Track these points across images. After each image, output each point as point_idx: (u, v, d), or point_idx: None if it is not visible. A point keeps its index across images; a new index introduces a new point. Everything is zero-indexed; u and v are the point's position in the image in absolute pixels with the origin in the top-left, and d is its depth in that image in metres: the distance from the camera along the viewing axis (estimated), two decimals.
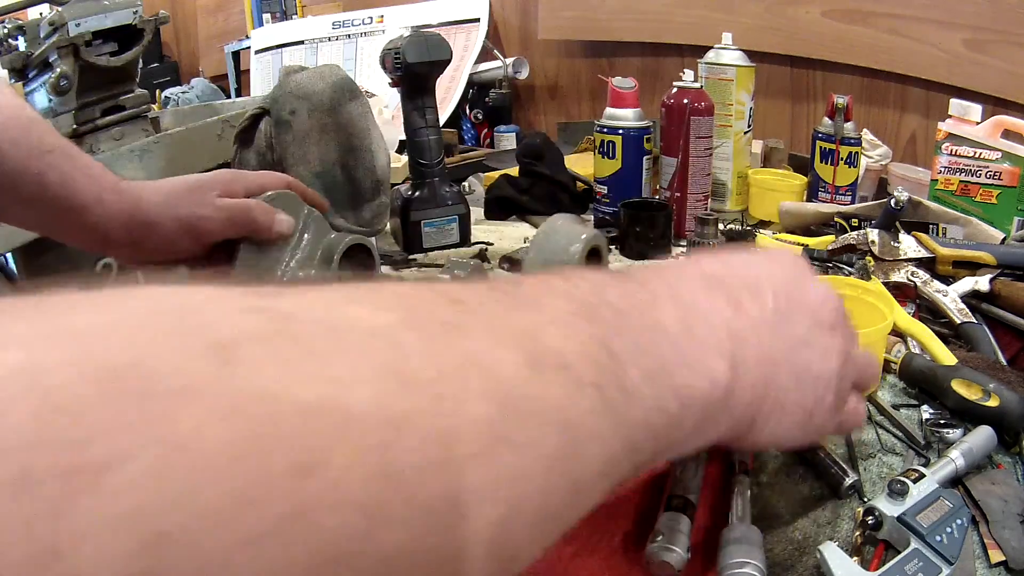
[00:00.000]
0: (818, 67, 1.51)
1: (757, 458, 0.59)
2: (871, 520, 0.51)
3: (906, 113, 1.43)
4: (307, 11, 2.52)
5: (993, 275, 0.79)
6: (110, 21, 1.05)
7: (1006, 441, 0.60)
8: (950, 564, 0.47)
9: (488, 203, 1.28)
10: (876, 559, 0.50)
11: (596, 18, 1.80)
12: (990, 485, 0.56)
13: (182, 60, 3.05)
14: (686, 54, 1.64)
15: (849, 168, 1.13)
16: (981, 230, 0.94)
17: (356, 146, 0.93)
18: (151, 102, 1.23)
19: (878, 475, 0.59)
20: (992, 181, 0.99)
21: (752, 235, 1.02)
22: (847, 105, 1.11)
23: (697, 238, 0.86)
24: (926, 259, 0.85)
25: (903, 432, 0.63)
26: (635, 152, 1.08)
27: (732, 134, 1.20)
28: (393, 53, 1.00)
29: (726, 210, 1.23)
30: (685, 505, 0.52)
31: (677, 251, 1.06)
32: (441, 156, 1.08)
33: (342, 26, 2.22)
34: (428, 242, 1.08)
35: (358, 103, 0.93)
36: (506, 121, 1.94)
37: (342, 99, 0.92)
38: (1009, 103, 1.21)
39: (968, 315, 0.76)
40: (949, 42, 1.28)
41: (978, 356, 0.70)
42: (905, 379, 0.69)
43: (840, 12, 1.41)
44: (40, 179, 0.57)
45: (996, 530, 0.52)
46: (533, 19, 1.94)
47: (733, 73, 1.17)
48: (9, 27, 1.05)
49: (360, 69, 2.14)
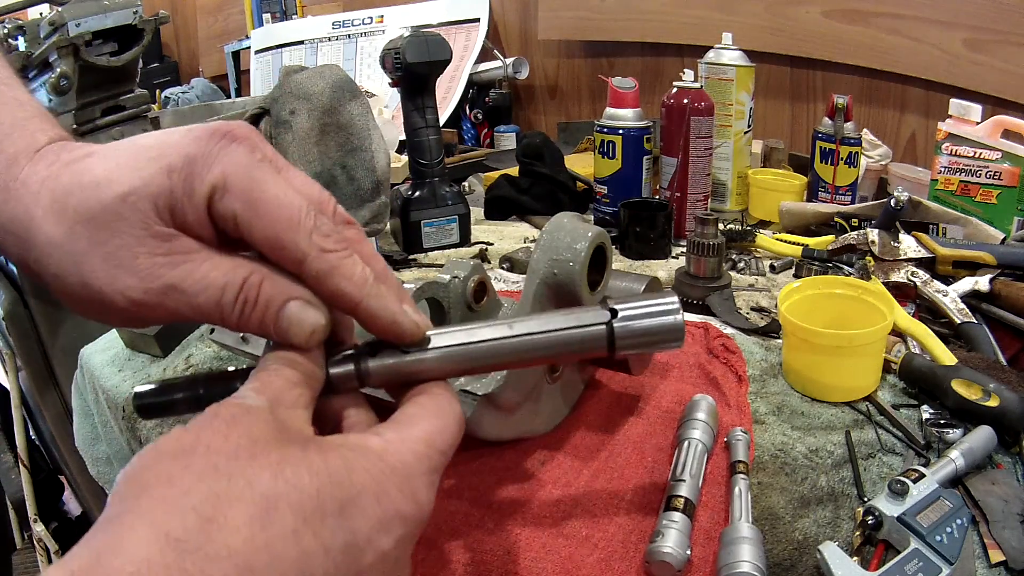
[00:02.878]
0: (818, 67, 1.51)
1: (757, 458, 0.59)
2: (871, 520, 0.51)
3: (906, 113, 1.43)
4: (307, 11, 2.52)
5: (993, 275, 0.79)
6: (110, 21, 1.05)
7: (1006, 441, 0.60)
8: (950, 564, 0.47)
9: (488, 203, 1.28)
10: (876, 559, 0.50)
11: (596, 18, 1.80)
12: (990, 485, 0.56)
13: (182, 60, 3.05)
14: (686, 54, 1.64)
15: (849, 168, 1.13)
16: (981, 230, 0.94)
17: (356, 146, 0.93)
18: (151, 102, 1.23)
19: (878, 475, 0.59)
20: (992, 181, 0.99)
21: (752, 235, 1.02)
22: (847, 105, 1.11)
23: (697, 238, 0.86)
24: (926, 259, 0.85)
25: (903, 432, 0.63)
26: (635, 152, 1.08)
27: (732, 134, 1.20)
28: (393, 53, 1.00)
29: (726, 210, 1.23)
30: (685, 505, 0.52)
31: (677, 251, 1.07)
32: (441, 156, 1.08)
33: (342, 26, 2.22)
34: (428, 242, 1.08)
35: (358, 103, 0.93)
36: (506, 121, 1.94)
37: (342, 99, 0.92)
38: (1009, 103, 1.21)
39: (968, 315, 0.76)
40: (949, 42, 1.28)
41: (978, 356, 0.70)
42: (905, 379, 0.69)
43: (840, 12, 1.41)
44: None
45: (996, 530, 0.52)
46: (533, 19, 1.94)
47: (733, 73, 1.17)
48: (9, 27, 1.05)
49: (360, 69, 2.14)
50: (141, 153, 0.33)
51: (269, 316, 0.33)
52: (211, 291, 0.33)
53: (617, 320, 0.35)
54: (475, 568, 0.50)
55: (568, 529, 0.53)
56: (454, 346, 0.35)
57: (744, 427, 0.61)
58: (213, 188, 0.32)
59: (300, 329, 0.33)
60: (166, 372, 0.82)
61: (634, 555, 0.51)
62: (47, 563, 1.36)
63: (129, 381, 0.83)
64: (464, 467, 0.60)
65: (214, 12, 2.88)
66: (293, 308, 0.33)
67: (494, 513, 0.55)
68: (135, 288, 0.32)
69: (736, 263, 1.01)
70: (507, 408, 0.56)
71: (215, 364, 0.81)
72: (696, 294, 0.86)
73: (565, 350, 0.36)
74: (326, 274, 0.33)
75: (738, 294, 0.90)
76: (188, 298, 0.33)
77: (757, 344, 0.77)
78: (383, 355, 0.34)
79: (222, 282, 0.33)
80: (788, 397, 0.68)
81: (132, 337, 0.88)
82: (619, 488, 0.57)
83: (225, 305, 0.33)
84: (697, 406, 0.62)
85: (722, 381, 0.69)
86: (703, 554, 0.50)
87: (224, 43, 2.61)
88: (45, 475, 1.53)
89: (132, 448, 0.82)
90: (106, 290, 0.32)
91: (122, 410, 0.80)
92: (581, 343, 0.35)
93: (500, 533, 0.53)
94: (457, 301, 0.54)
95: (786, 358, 0.71)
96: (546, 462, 0.60)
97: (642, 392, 0.69)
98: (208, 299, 0.33)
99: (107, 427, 0.90)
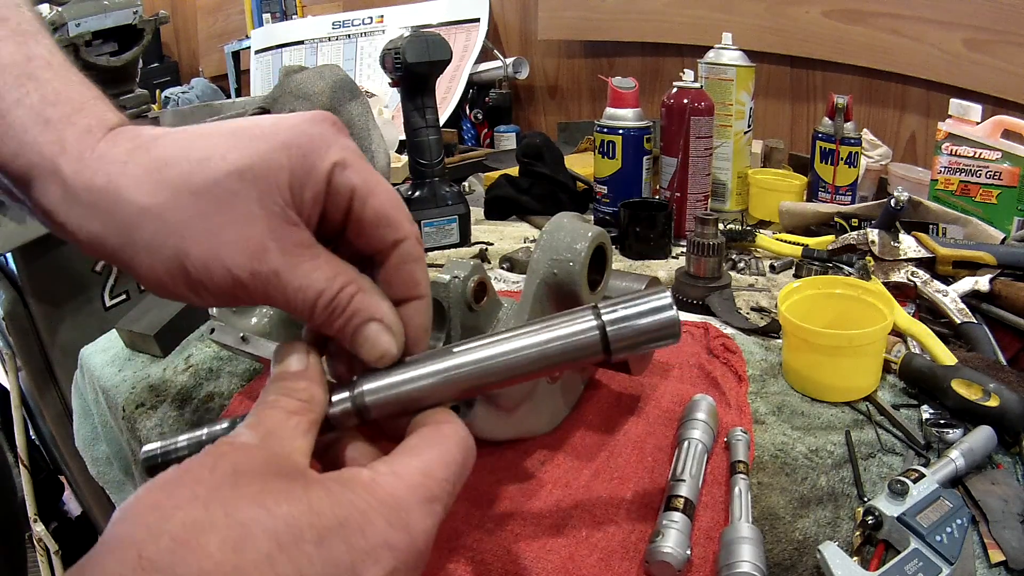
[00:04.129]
0: (818, 67, 1.51)
1: (757, 458, 0.59)
2: (871, 520, 0.51)
3: (906, 113, 1.43)
4: (307, 11, 2.52)
5: (993, 275, 0.79)
6: (110, 21, 1.05)
7: (1006, 441, 0.60)
8: (950, 564, 0.47)
9: (488, 203, 1.28)
10: (876, 559, 0.50)
11: (596, 18, 1.80)
12: (990, 485, 0.56)
13: (182, 60, 3.05)
14: (686, 54, 1.64)
15: (849, 168, 1.13)
16: (981, 230, 0.94)
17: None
18: (151, 102, 1.23)
19: (878, 475, 0.59)
20: (992, 181, 0.99)
21: (752, 235, 1.02)
22: (847, 105, 1.11)
23: (697, 238, 0.86)
24: (926, 259, 0.85)
25: (903, 432, 0.63)
26: (635, 152, 1.08)
27: (732, 134, 1.20)
28: (393, 53, 1.00)
29: (726, 210, 1.23)
30: (685, 505, 0.52)
31: (677, 251, 1.07)
32: (441, 156, 1.08)
33: (342, 26, 2.22)
34: (428, 242, 1.08)
35: (358, 103, 0.93)
36: (506, 121, 1.94)
37: (342, 99, 0.92)
38: (1009, 103, 1.21)
39: (968, 315, 0.76)
40: (949, 42, 1.28)
41: (978, 356, 0.70)
42: (905, 379, 0.69)
43: (840, 12, 1.41)
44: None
45: (996, 530, 0.52)
46: (533, 19, 1.94)
47: (733, 73, 1.17)
48: None
49: (360, 69, 2.14)
50: (240, 133, 0.33)
51: (349, 328, 0.34)
52: (309, 292, 0.33)
53: (611, 324, 0.35)
54: (475, 568, 0.50)
55: (568, 529, 0.53)
56: (450, 369, 0.35)
57: (744, 427, 0.61)
58: (335, 164, 0.33)
59: (373, 350, 0.35)
60: (166, 372, 0.82)
61: (634, 555, 0.51)
62: (47, 563, 1.36)
63: (129, 381, 0.83)
64: None
65: (214, 12, 2.88)
66: (373, 329, 0.35)
67: (494, 513, 0.55)
68: (242, 266, 0.32)
69: (736, 263, 1.01)
70: (507, 408, 0.56)
71: (215, 364, 0.81)
72: (696, 294, 0.86)
73: (563, 360, 0.35)
74: (415, 259, 0.36)
75: (738, 294, 0.90)
76: (286, 290, 0.33)
77: (757, 344, 0.77)
78: (379, 388, 0.34)
79: (321, 286, 0.33)
80: (788, 397, 0.68)
81: (132, 337, 0.88)
82: (619, 488, 0.57)
83: (316, 308, 0.34)
84: (697, 406, 0.62)
85: (722, 381, 0.69)
86: (703, 554, 0.50)
87: (224, 43, 2.61)
88: (45, 475, 1.53)
89: (132, 448, 0.82)
90: (210, 264, 0.32)
91: (122, 410, 0.80)
92: (579, 351, 0.35)
93: (500, 533, 0.53)
94: (457, 301, 0.54)
95: (786, 358, 0.71)
96: (546, 462, 0.60)
97: (642, 392, 0.69)
98: (304, 299, 0.33)
99: (107, 427, 0.90)
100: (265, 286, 0.33)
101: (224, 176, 0.32)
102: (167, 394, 0.79)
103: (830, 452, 0.60)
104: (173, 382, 0.80)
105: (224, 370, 0.80)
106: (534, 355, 0.35)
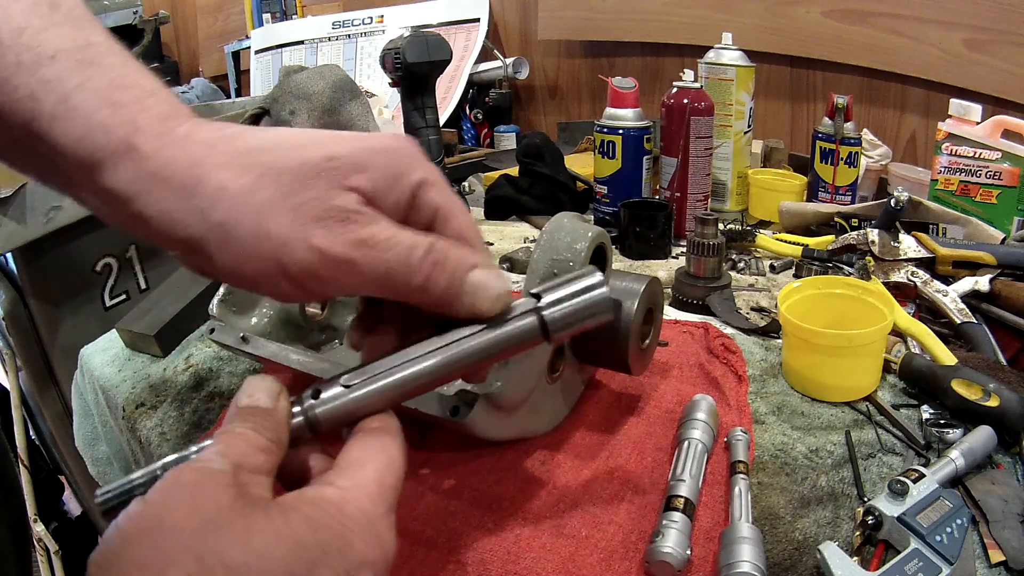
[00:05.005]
0: (818, 67, 1.51)
1: (757, 458, 0.59)
2: (871, 520, 0.51)
3: (906, 113, 1.43)
4: (307, 11, 2.52)
5: (993, 275, 0.79)
6: (110, 21, 1.05)
7: (1006, 441, 0.60)
8: (950, 564, 0.47)
9: (488, 203, 1.28)
10: (876, 559, 0.50)
11: (596, 18, 1.80)
12: (990, 485, 0.56)
13: (182, 60, 3.05)
14: (686, 54, 1.64)
15: (849, 168, 1.13)
16: (981, 230, 0.94)
17: None
18: None
19: (878, 475, 0.59)
20: (992, 181, 0.99)
21: (752, 235, 1.02)
22: (847, 105, 1.11)
23: (697, 238, 0.86)
24: (926, 259, 0.85)
25: (903, 432, 0.63)
26: (635, 152, 1.08)
27: (732, 134, 1.20)
28: (393, 53, 1.00)
29: (726, 210, 1.23)
30: (685, 505, 0.52)
31: (677, 251, 1.07)
32: (441, 156, 1.08)
33: (342, 26, 2.22)
34: None
35: (358, 103, 0.93)
36: (506, 121, 1.94)
37: (342, 99, 0.92)
38: (1009, 103, 1.21)
39: (968, 315, 0.76)
40: (949, 42, 1.28)
41: (978, 356, 0.70)
42: (905, 379, 0.69)
43: (840, 12, 1.41)
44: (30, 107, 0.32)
45: (996, 530, 0.52)
46: (533, 19, 1.94)
47: (733, 73, 1.17)
48: None
49: (360, 69, 2.14)
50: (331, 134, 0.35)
51: (456, 279, 0.34)
52: (401, 248, 0.33)
53: (545, 308, 0.36)
54: (475, 568, 0.50)
55: (568, 529, 0.53)
56: (393, 370, 0.35)
57: (744, 427, 0.61)
58: (422, 181, 0.35)
59: (487, 294, 0.35)
60: (166, 372, 0.82)
61: (634, 555, 0.51)
62: (47, 563, 1.36)
63: (129, 381, 0.83)
64: (464, 467, 0.60)
65: (214, 12, 2.88)
66: (479, 274, 0.35)
67: (494, 513, 0.55)
68: (324, 238, 0.32)
69: (736, 263, 1.01)
70: (507, 408, 0.56)
71: (215, 364, 0.81)
72: (696, 294, 0.86)
73: (503, 348, 0.36)
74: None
75: (738, 294, 0.90)
76: (379, 252, 0.33)
77: (757, 344, 0.77)
78: (328, 399, 0.35)
79: (411, 242, 0.33)
80: (788, 397, 0.68)
81: (132, 337, 0.88)
82: (619, 488, 0.57)
83: (414, 263, 0.33)
84: (697, 406, 0.62)
85: (722, 381, 0.69)
86: (703, 554, 0.50)
87: (224, 43, 2.61)
88: (45, 475, 1.53)
89: (132, 448, 0.82)
90: (291, 239, 0.32)
91: (122, 410, 0.80)
92: (518, 338, 0.36)
93: (500, 533, 0.53)
94: None
95: (786, 358, 0.71)
96: (546, 462, 0.60)
97: (642, 392, 0.69)
98: (398, 255, 0.33)
99: (107, 427, 0.90)
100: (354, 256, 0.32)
101: (316, 159, 0.33)
102: (167, 394, 0.79)
103: (830, 452, 0.60)
104: (173, 382, 0.80)
105: (224, 370, 0.80)
106: (475, 347, 0.36)
